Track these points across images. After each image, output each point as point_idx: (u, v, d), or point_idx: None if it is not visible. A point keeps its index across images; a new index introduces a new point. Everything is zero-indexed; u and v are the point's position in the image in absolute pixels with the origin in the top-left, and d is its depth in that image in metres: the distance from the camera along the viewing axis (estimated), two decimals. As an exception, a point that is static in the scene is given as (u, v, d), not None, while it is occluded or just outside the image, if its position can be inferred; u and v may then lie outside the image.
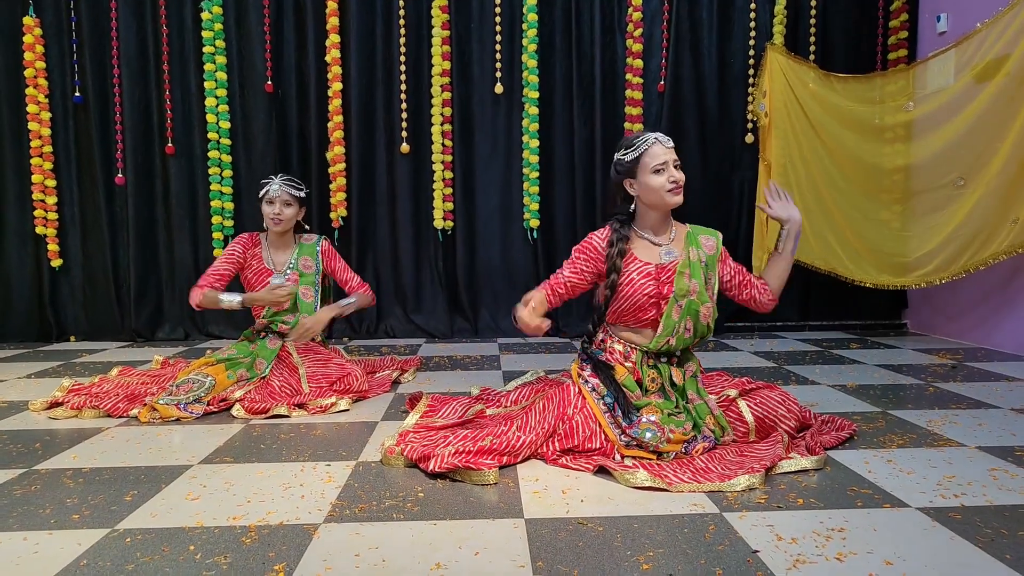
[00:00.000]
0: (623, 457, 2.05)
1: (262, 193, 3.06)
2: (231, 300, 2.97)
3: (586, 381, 2.22)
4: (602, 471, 2.00)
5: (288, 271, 3.11)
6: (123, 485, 1.94)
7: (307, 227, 3.24)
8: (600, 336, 2.37)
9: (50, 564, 1.47)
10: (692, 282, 2.21)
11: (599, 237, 2.27)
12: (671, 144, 2.20)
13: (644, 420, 2.09)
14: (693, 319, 2.22)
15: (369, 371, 3.32)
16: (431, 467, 1.97)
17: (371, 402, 2.92)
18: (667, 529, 1.62)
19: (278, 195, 3.03)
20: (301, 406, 2.74)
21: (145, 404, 2.67)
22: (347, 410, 2.76)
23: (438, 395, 2.73)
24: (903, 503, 1.76)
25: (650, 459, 2.05)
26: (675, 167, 2.18)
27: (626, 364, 2.26)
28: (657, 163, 2.16)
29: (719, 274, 2.30)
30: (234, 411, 2.69)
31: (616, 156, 2.26)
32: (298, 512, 1.73)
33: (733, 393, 2.27)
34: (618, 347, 2.29)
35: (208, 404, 2.72)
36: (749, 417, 2.21)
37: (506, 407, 2.50)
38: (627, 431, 2.08)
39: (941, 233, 4.06)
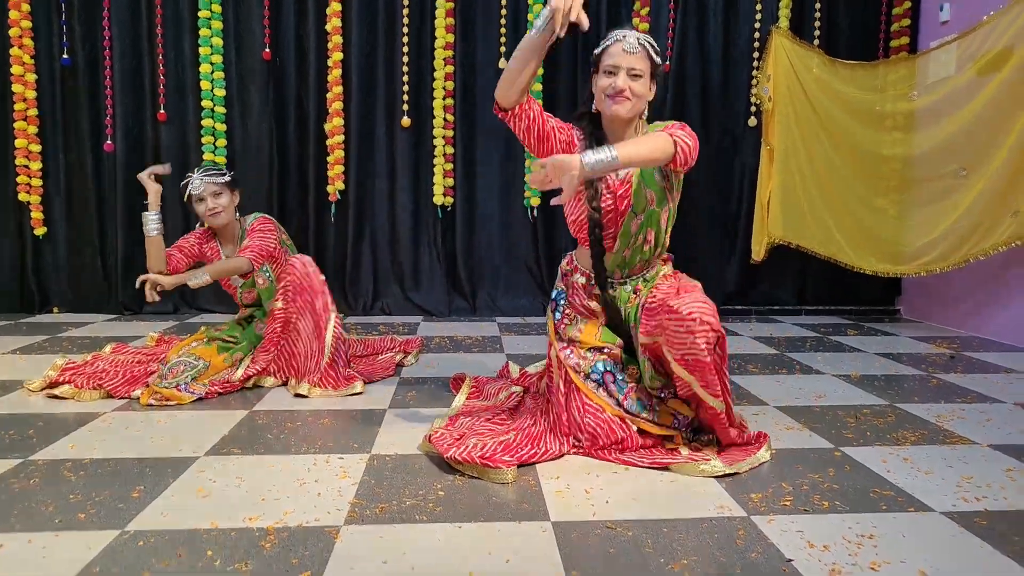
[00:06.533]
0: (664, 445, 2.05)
1: (186, 195, 2.83)
2: (200, 279, 2.72)
3: (568, 356, 2.13)
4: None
5: None
6: (128, 479, 1.86)
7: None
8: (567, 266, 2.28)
9: (60, 570, 1.40)
10: (648, 192, 2.03)
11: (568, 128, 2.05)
12: (637, 50, 1.91)
13: (633, 390, 2.10)
14: (654, 229, 2.08)
15: (371, 352, 3.27)
16: (450, 454, 1.90)
17: (377, 387, 2.84)
18: (697, 534, 1.59)
19: (202, 190, 2.80)
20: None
21: (147, 385, 2.60)
22: (361, 393, 2.72)
23: (480, 377, 2.77)
24: (927, 507, 1.74)
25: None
26: (629, 74, 1.91)
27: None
28: (609, 63, 1.92)
29: None
30: (238, 378, 2.76)
31: None
32: (316, 512, 1.67)
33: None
34: (580, 279, 2.21)
35: (210, 386, 2.65)
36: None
37: (539, 390, 2.48)
38: (622, 403, 2.06)
39: (942, 224, 4.04)
